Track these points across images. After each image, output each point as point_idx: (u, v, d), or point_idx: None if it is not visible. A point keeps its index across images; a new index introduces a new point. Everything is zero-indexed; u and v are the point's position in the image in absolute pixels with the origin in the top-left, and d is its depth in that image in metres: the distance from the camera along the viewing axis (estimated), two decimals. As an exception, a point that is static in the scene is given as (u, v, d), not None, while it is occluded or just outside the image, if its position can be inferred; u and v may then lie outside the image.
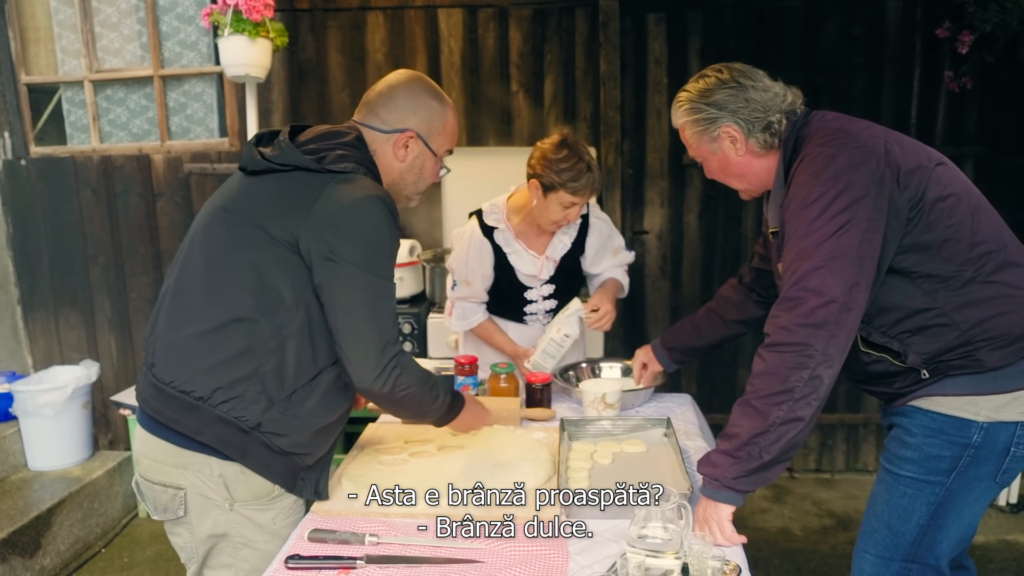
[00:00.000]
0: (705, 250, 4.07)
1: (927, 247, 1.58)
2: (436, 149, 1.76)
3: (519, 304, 2.60)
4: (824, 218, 1.52)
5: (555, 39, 3.92)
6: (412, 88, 1.74)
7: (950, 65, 3.70)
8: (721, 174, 1.84)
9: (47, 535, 3.26)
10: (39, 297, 4.26)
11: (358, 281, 1.51)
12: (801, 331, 1.49)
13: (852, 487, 4.02)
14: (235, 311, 1.52)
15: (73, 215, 4.16)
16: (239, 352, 1.52)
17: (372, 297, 1.53)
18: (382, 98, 1.73)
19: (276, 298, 1.52)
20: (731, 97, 1.71)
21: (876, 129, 1.64)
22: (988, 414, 1.60)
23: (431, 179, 1.81)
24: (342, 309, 1.52)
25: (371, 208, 1.53)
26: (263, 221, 1.54)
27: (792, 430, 1.49)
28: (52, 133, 4.30)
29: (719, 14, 3.84)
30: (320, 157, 1.58)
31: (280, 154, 1.59)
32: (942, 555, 1.69)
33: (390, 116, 1.71)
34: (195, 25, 4.03)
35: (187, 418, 1.54)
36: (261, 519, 1.61)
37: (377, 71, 3.99)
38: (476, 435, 2.05)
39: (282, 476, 1.60)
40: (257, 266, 1.52)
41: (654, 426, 2.06)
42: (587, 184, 2.31)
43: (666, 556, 1.37)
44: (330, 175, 1.56)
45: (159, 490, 1.61)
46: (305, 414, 1.57)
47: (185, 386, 1.53)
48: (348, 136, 1.66)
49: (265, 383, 1.53)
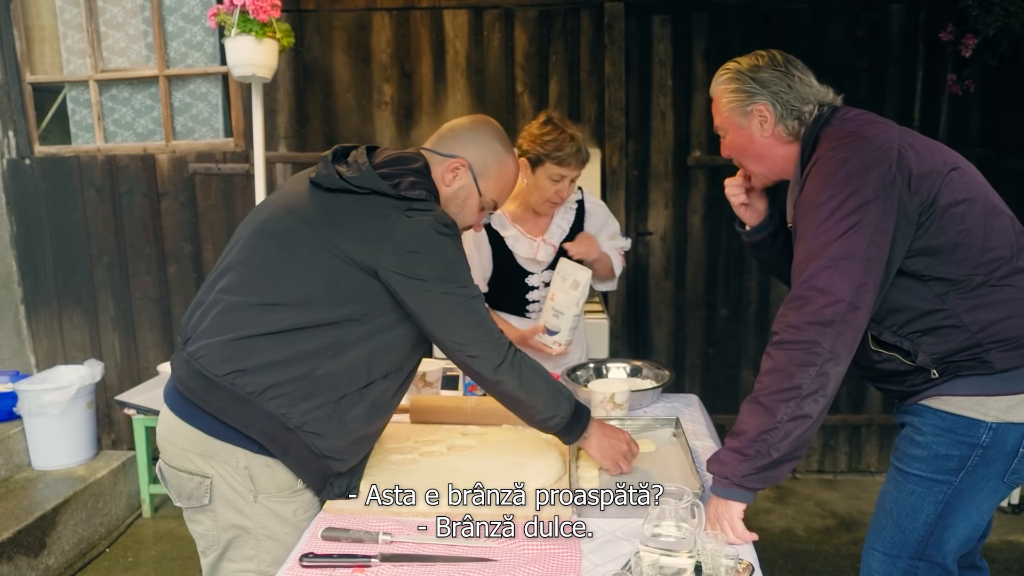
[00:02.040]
0: (709, 252, 4.08)
1: (938, 251, 1.59)
2: (483, 190, 1.80)
3: (521, 292, 2.60)
4: (833, 220, 1.53)
5: (560, 40, 3.93)
6: (482, 127, 1.83)
7: (953, 68, 3.71)
8: (739, 151, 1.84)
9: (52, 535, 3.26)
10: (43, 296, 4.26)
11: (449, 295, 1.60)
12: (809, 329, 1.51)
13: (855, 488, 4.03)
14: (302, 317, 1.57)
15: (77, 214, 4.16)
16: (297, 355, 1.57)
17: (465, 303, 1.61)
18: (450, 127, 1.82)
19: (343, 311, 1.58)
20: (776, 79, 1.73)
21: (893, 132, 1.64)
22: (997, 415, 1.61)
23: (471, 219, 1.84)
24: (447, 325, 1.61)
25: (441, 230, 1.61)
26: (340, 240, 1.58)
27: (800, 427, 1.50)
28: (56, 132, 4.31)
29: (724, 16, 3.85)
30: (395, 183, 1.63)
31: (359, 177, 1.63)
32: (949, 553, 1.70)
33: (452, 143, 1.78)
34: (201, 25, 4.04)
35: (236, 410, 1.57)
36: (284, 511, 1.64)
37: (382, 72, 4.00)
38: (486, 434, 2.06)
39: (314, 477, 1.65)
40: (329, 279, 1.57)
41: (663, 426, 2.07)
42: (571, 153, 2.34)
43: (680, 555, 1.38)
44: (406, 202, 1.61)
45: (185, 477, 1.64)
46: (350, 420, 1.62)
47: (238, 379, 1.56)
48: (417, 163, 1.72)
49: (316, 385, 1.57)
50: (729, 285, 4.11)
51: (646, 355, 4.10)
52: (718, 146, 4.04)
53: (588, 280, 2.43)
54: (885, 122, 1.69)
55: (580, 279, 2.42)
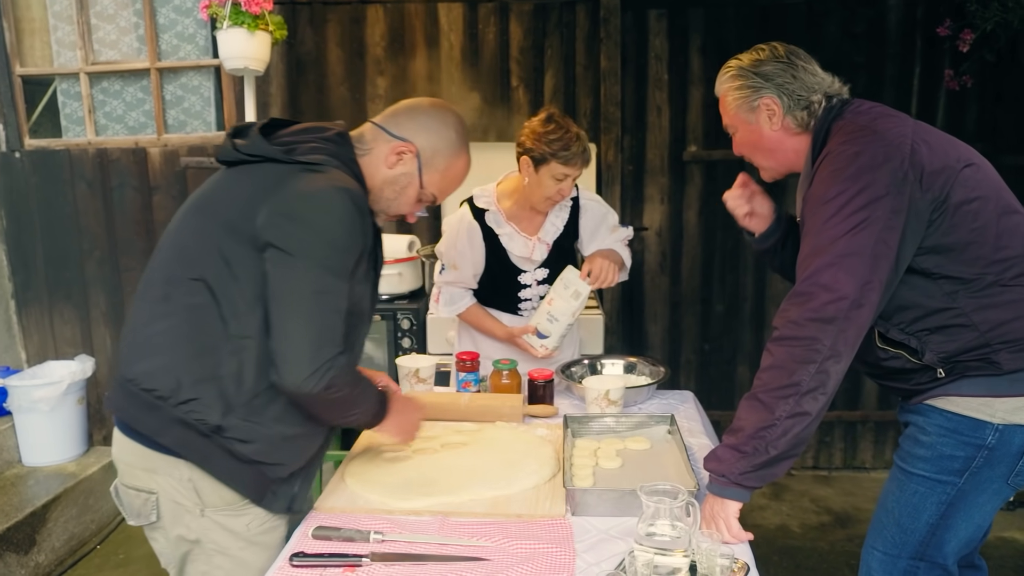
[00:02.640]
0: (705, 247, 4.07)
1: (949, 249, 1.57)
2: (426, 181, 1.68)
3: (513, 290, 2.58)
4: (841, 216, 1.51)
5: (556, 34, 3.91)
6: (442, 114, 1.70)
7: (950, 63, 3.70)
8: (750, 148, 1.81)
9: (42, 531, 3.24)
10: (33, 291, 4.23)
11: (305, 274, 1.43)
12: (810, 326, 1.49)
13: (849, 484, 4.02)
14: (194, 309, 1.47)
15: (68, 208, 4.12)
16: (198, 352, 1.47)
17: (317, 293, 1.43)
18: (407, 107, 1.70)
19: (238, 297, 1.46)
20: (780, 71, 1.71)
21: (906, 126, 1.61)
22: (1004, 416, 1.59)
23: (406, 209, 1.72)
24: (283, 302, 1.43)
25: (334, 200, 1.46)
26: (228, 215, 1.49)
27: (798, 424, 1.49)
28: (47, 125, 4.27)
29: (721, 11, 3.83)
30: (291, 148, 1.53)
31: (249, 145, 1.55)
32: (950, 554, 1.69)
33: (406, 124, 1.66)
34: (193, 17, 4.00)
35: (148, 417, 1.49)
36: (234, 525, 1.55)
37: (376, 65, 3.96)
38: (479, 432, 2.04)
39: (248, 487, 1.53)
40: (219, 263, 1.47)
41: (658, 423, 2.05)
42: (577, 153, 2.31)
43: (674, 554, 1.36)
44: (299, 166, 1.51)
45: (133, 495, 1.57)
46: (269, 419, 1.50)
47: (146, 384, 1.48)
48: (329, 131, 1.61)
49: (224, 386, 1.46)
50: (725, 280, 4.09)
51: (641, 351, 4.09)
52: (714, 141, 4.07)
53: (589, 293, 2.41)
54: (898, 115, 1.66)
55: (582, 291, 2.40)
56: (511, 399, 2.18)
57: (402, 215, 1.74)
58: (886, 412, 4.08)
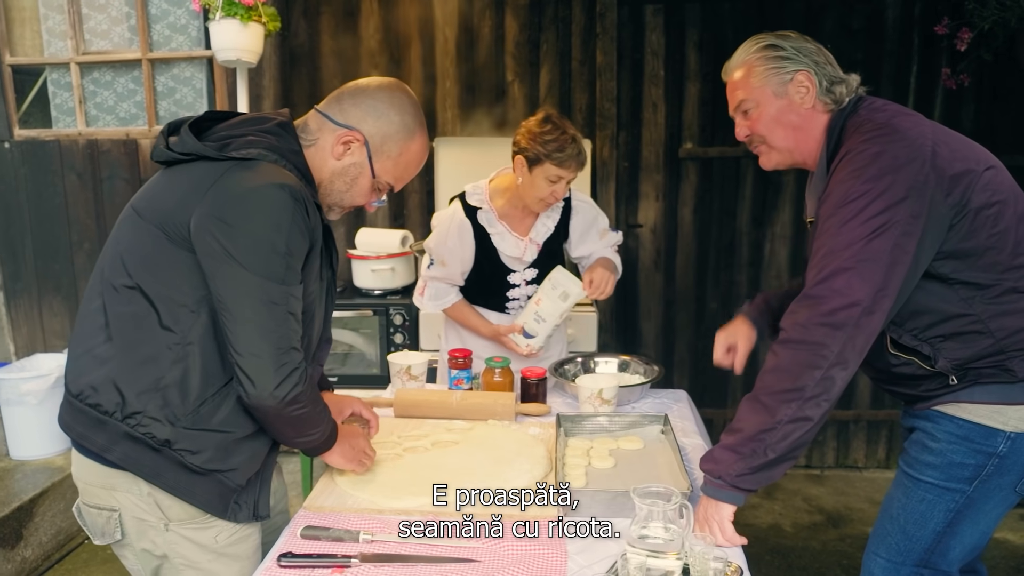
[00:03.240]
0: (699, 244, 4.05)
1: (967, 254, 1.53)
2: (378, 170, 1.57)
3: (502, 289, 2.56)
4: (859, 219, 1.47)
5: (551, 29, 3.88)
6: (391, 95, 1.57)
7: (948, 62, 3.68)
8: (771, 124, 1.69)
9: (29, 526, 3.21)
10: (22, 283, 4.19)
11: (246, 283, 1.35)
12: (819, 330, 1.46)
13: (842, 483, 4.02)
14: (133, 318, 1.42)
15: (58, 200, 4.08)
16: (140, 362, 1.40)
17: (269, 304, 1.36)
18: (352, 91, 1.57)
19: (176, 302, 1.40)
20: (811, 48, 1.67)
21: (925, 126, 1.56)
22: (1016, 424, 1.56)
23: (361, 200, 1.61)
24: (236, 314, 1.36)
25: (268, 198, 1.36)
26: (160, 218, 1.41)
27: (799, 429, 1.46)
28: (37, 116, 4.22)
29: (717, 6, 3.81)
30: (224, 144, 1.44)
31: (179, 143, 1.46)
32: (954, 561, 1.67)
33: (351, 110, 1.55)
34: (185, 8, 3.96)
35: (95, 434, 1.43)
36: (201, 539, 1.50)
37: (371, 58, 3.93)
38: (471, 430, 2.02)
39: (208, 500, 1.47)
40: (154, 268, 1.41)
41: (651, 423, 2.03)
42: (572, 155, 2.28)
43: (667, 557, 1.35)
44: (231, 162, 1.42)
45: (95, 513, 1.51)
46: (218, 425, 1.44)
47: (91, 399, 1.42)
48: (269, 123, 1.50)
49: (168, 395, 1.40)
50: (719, 278, 4.07)
51: (635, 349, 4.07)
52: (710, 138, 4.04)
53: (579, 295, 2.40)
54: (915, 115, 1.61)
55: (571, 292, 2.39)
56: (503, 397, 2.16)
57: (358, 206, 1.64)
58: (878, 411, 4.07)
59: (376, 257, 3.57)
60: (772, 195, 3.93)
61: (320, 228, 1.50)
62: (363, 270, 3.60)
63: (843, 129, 1.63)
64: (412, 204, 4.03)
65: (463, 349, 2.33)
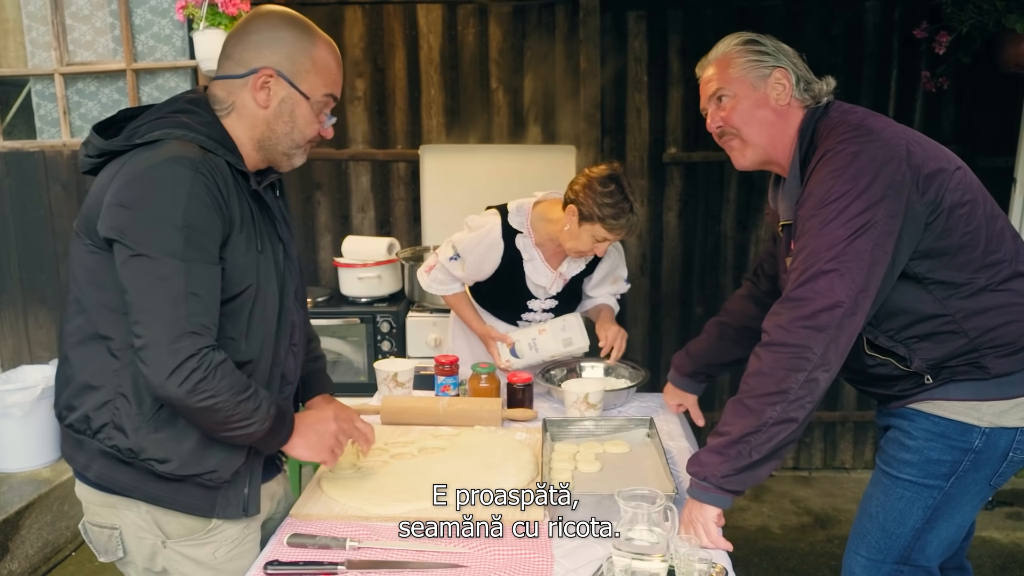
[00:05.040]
0: (684, 249, 4.07)
1: (942, 253, 1.56)
2: (307, 91, 1.48)
3: (518, 309, 2.59)
4: (840, 220, 1.48)
5: (535, 36, 3.89)
6: (269, 21, 1.47)
7: (927, 65, 3.72)
8: (747, 115, 1.68)
9: (15, 538, 3.18)
10: (7, 295, 4.16)
11: (138, 260, 1.30)
12: (801, 332, 1.47)
13: (829, 485, 4.04)
14: (81, 330, 1.41)
15: (43, 211, 4.07)
16: (95, 373, 1.40)
17: (154, 278, 1.29)
18: (234, 37, 1.47)
19: (109, 308, 1.38)
20: (788, 51, 1.71)
21: (896, 127, 1.60)
22: (990, 419, 1.59)
23: (310, 129, 1.52)
24: (128, 296, 1.31)
25: (162, 173, 1.30)
26: (81, 225, 1.41)
27: (784, 431, 1.48)
28: (21, 127, 4.21)
29: (699, 12, 3.83)
30: (131, 135, 1.39)
31: (89, 147, 1.42)
32: (933, 556, 1.69)
33: (244, 55, 1.44)
34: (169, 18, 3.96)
35: (78, 454, 1.44)
36: (199, 555, 1.50)
37: (355, 67, 3.94)
38: (457, 436, 2.03)
39: (191, 503, 1.45)
40: (87, 276, 1.40)
41: (637, 427, 2.05)
42: (626, 225, 2.29)
43: (653, 559, 1.36)
44: (136, 149, 1.37)
45: (97, 531, 1.52)
46: (184, 426, 1.40)
47: (68, 418, 1.42)
48: (178, 102, 1.45)
49: (127, 402, 1.38)
50: (704, 282, 4.10)
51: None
52: (693, 143, 4.07)
53: (582, 349, 2.47)
54: (885, 117, 1.65)
55: (575, 343, 2.46)
56: (490, 403, 2.17)
57: (315, 137, 1.55)
58: (865, 413, 4.10)
59: (363, 265, 3.57)
60: (756, 199, 3.95)
61: (245, 198, 1.45)
62: (350, 278, 3.60)
63: (815, 131, 1.65)
64: (399, 212, 4.04)
65: (449, 356, 2.34)
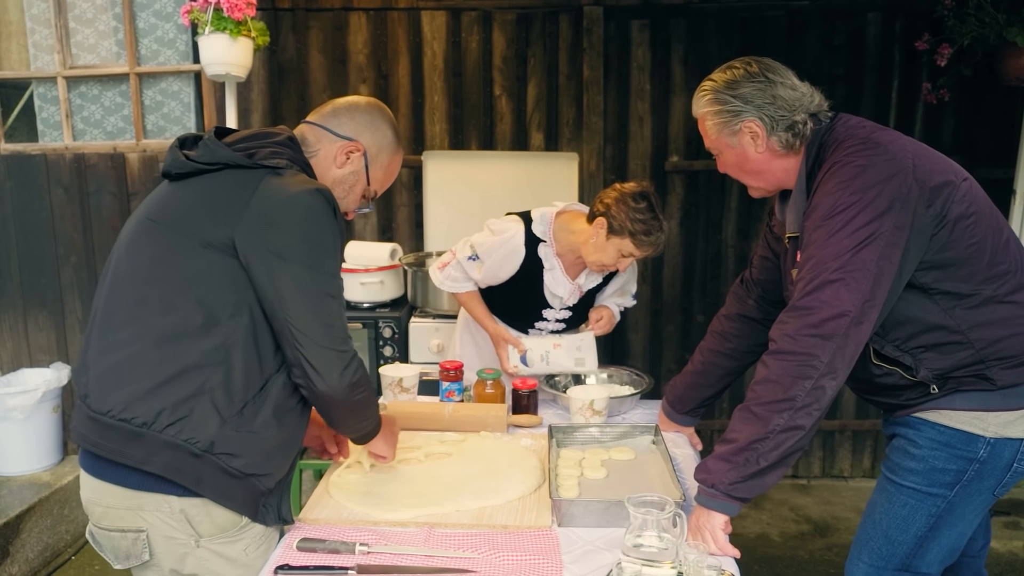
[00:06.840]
0: (686, 257, 4.08)
1: (948, 264, 1.57)
2: (372, 178, 1.72)
3: (533, 318, 2.61)
4: (846, 231, 1.50)
5: (539, 44, 3.91)
6: (378, 113, 1.73)
7: (928, 77, 3.74)
8: (736, 169, 1.77)
9: (15, 542, 3.18)
10: (8, 298, 4.15)
11: (304, 280, 1.45)
12: (808, 340, 1.49)
13: (828, 493, 4.04)
14: (172, 327, 1.43)
15: (44, 214, 4.06)
16: (182, 370, 1.42)
17: (321, 296, 1.47)
18: (346, 107, 1.71)
19: (216, 307, 1.44)
20: (758, 92, 1.65)
21: (904, 140, 1.61)
22: (996, 430, 1.60)
23: (353, 206, 1.74)
24: (292, 311, 1.44)
25: (309, 202, 1.47)
26: (194, 226, 1.46)
27: (791, 438, 1.49)
28: (23, 130, 4.20)
29: (702, 22, 3.85)
30: (251, 154, 1.51)
31: (206, 153, 1.51)
32: (934, 563, 1.70)
33: (348, 124, 1.68)
34: (173, 22, 3.96)
35: (131, 448, 1.42)
36: (231, 552, 1.52)
37: (359, 72, 3.95)
38: (464, 441, 2.03)
39: (243, 503, 1.50)
40: (191, 275, 1.45)
41: (642, 433, 2.06)
42: (655, 242, 2.31)
43: (662, 565, 1.37)
44: (264, 170, 1.50)
45: (118, 537, 1.50)
46: (259, 427, 1.47)
47: (125, 413, 1.42)
48: (279, 136, 1.60)
49: (214, 398, 1.43)
50: (705, 290, 4.11)
51: (623, 360, 4.08)
52: (695, 152, 4.08)
53: (591, 370, 2.51)
54: (892, 131, 1.66)
55: (587, 364, 2.51)
56: (495, 409, 2.17)
57: (345, 211, 1.72)
58: (864, 421, 4.11)
59: (365, 270, 3.58)
60: (758, 208, 3.97)
61: None
62: (352, 283, 3.60)
63: (822, 145, 1.66)
64: (401, 217, 4.05)
65: (454, 362, 2.35)
